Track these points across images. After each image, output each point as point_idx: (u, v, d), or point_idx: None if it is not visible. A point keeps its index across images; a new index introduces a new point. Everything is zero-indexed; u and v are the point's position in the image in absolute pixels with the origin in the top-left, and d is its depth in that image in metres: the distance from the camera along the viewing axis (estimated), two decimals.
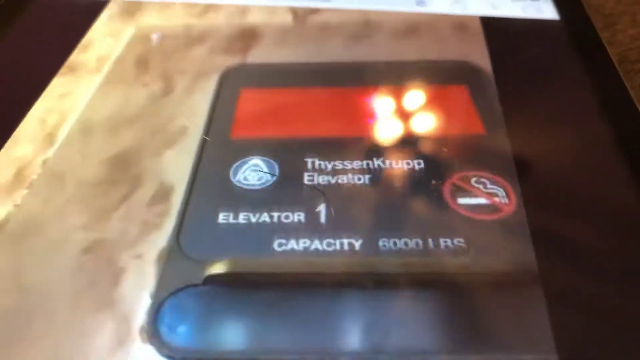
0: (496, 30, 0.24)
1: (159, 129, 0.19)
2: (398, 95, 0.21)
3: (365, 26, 0.25)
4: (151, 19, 0.25)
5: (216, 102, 0.21)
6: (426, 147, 0.18)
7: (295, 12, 0.26)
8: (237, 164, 0.18)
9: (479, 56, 0.22)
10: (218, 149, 0.18)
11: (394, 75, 0.21)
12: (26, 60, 0.24)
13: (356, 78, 0.21)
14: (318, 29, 0.25)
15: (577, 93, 0.21)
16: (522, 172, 0.17)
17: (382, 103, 0.20)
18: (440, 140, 0.19)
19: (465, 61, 0.22)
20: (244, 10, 0.26)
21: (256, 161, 0.18)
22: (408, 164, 0.18)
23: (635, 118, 0.19)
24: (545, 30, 0.24)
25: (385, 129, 0.19)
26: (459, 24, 0.24)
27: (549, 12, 0.26)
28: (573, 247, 0.15)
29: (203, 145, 0.19)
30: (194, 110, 0.20)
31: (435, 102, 0.20)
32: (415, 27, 0.25)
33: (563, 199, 0.17)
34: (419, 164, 0.18)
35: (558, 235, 0.16)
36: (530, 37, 0.24)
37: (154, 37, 0.24)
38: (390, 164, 0.18)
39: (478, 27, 0.24)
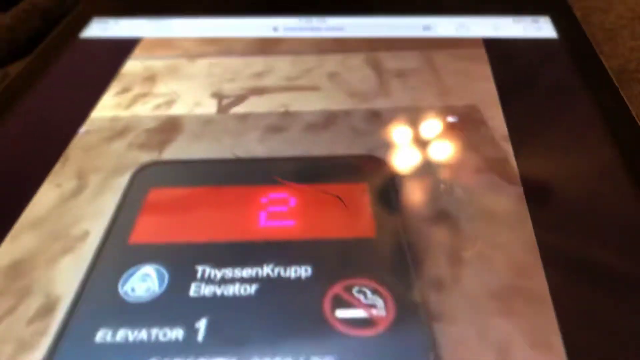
0: (498, 50, 0.28)
1: (60, 234, 0.20)
2: (295, 194, 0.21)
3: (284, 118, 0.25)
4: None
5: (123, 203, 0.21)
6: (315, 251, 0.19)
7: (220, 101, 0.27)
8: (127, 272, 0.18)
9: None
10: (112, 256, 0.19)
11: (296, 172, 0.22)
12: None
13: (261, 175, 0.22)
14: (239, 120, 0.25)
15: (577, 108, 0.24)
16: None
17: (279, 201, 0.21)
18: (330, 243, 0.19)
19: (371, 156, 0.23)
20: (169, 101, 0.27)
21: (146, 270, 0.18)
22: (296, 271, 0.18)
23: (634, 130, 0.22)
24: (545, 48, 0.27)
25: (279, 230, 0.20)
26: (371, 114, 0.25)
27: (548, 31, 0.28)
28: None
29: (99, 252, 0.19)
30: (101, 212, 0.21)
31: (331, 201, 0.21)
32: (333, 117, 0.25)
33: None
34: (306, 270, 0.18)
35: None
36: (531, 56, 0.28)
37: (81, 131, 0.25)
38: (279, 272, 0.18)
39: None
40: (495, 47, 0.29)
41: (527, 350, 0.16)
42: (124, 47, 0.31)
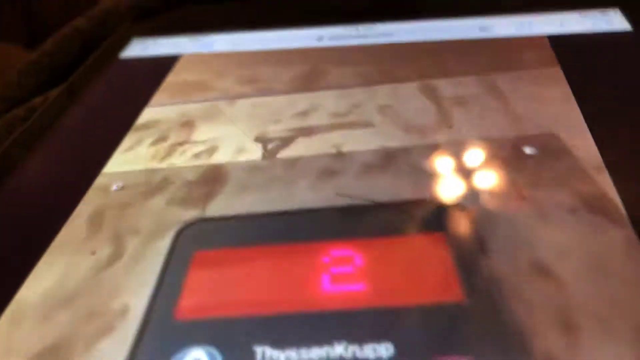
0: (567, 48, 0.25)
1: (96, 311, 0.17)
2: (363, 251, 0.18)
3: (338, 159, 0.23)
4: (112, 165, 0.24)
5: (166, 270, 0.18)
6: (396, 324, 0.16)
7: (265, 145, 0.24)
8: (175, 357, 0.15)
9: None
10: (157, 336, 0.16)
11: (361, 223, 0.19)
12: None
13: (323, 229, 0.19)
14: (287, 166, 0.23)
15: None
16: None
17: (342, 260, 0.18)
18: (411, 311, 0.16)
19: (443, 203, 0.20)
20: (210, 149, 0.25)
21: (197, 353, 0.15)
22: (375, 350, 0.15)
23: None
24: (618, 42, 0.24)
25: (346, 297, 0.17)
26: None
27: (620, 24, 0.25)
28: None
29: (142, 332, 0.16)
30: (141, 282, 0.18)
31: (403, 258, 0.18)
32: (389, 157, 0.23)
33: None
34: (386, 349, 0.15)
35: None
36: (604, 51, 0.25)
37: (114, 187, 0.23)
38: (354, 352, 0.15)
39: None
40: (564, 44, 0.26)
41: None
42: (165, 65, 0.30)
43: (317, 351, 0.15)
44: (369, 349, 0.15)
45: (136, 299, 0.18)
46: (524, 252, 0.17)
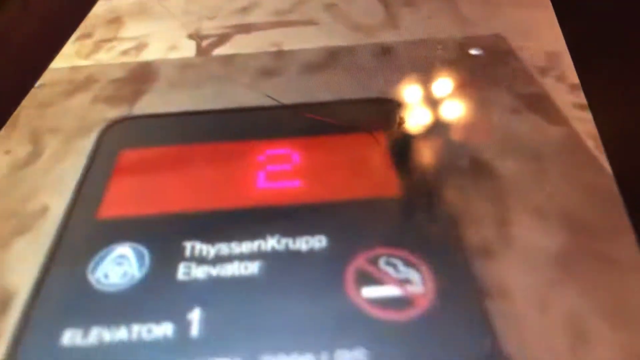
0: None
1: (13, 211, 0.16)
2: (299, 148, 0.17)
3: (278, 58, 0.21)
4: None
5: (88, 169, 0.17)
6: (329, 217, 0.15)
7: (200, 42, 0.23)
8: (98, 255, 0.15)
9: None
10: (78, 236, 0.15)
11: (298, 122, 0.18)
12: None
13: (255, 128, 0.18)
14: (223, 64, 0.21)
15: None
16: None
17: (279, 158, 0.17)
18: (346, 206, 0.16)
19: (386, 98, 0.19)
20: (139, 46, 0.23)
21: (122, 250, 0.15)
22: (307, 242, 0.15)
23: None
24: None
25: (282, 193, 0.16)
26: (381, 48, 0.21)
27: None
28: None
29: (62, 231, 0.15)
30: (62, 181, 0.17)
31: (342, 155, 0.17)
32: (335, 55, 0.21)
33: None
34: (319, 241, 0.15)
35: None
36: None
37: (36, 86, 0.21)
38: (287, 245, 0.15)
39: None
40: None
41: (603, 326, 0.13)
42: None
43: (248, 245, 0.15)
44: (301, 242, 0.15)
45: (56, 199, 0.16)
46: (461, 148, 0.17)
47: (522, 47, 0.21)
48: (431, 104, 0.19)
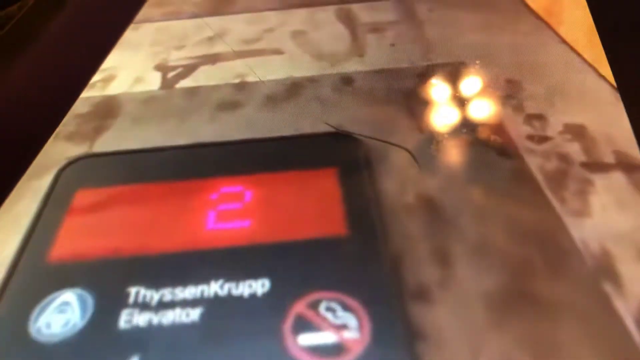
0: None
1: None
2: (253, 185, 0.17)
3: (240, 90, 0.22)
4: None
5: (43, 209, 0.17)
6: (275, 259, 0.15)
7: (165, 74, 0.23)
8: (43, 302, 0.15)
9: None
10: (26, 281, 0.15)
11: (253, 158, 0.18)
12: None
13: (212, 164, 0.18)
14: (186, 96, 0.21)
15: None
16: None
17: (232, 197, 0.17)
18: (292, 246, 0.16)
19: (338, 132, 0.19)
20: (107, 78, 0.23)
21: (66, 297, 0.15)
22: (250, 286, 0.15)
23: None
24: None
25: (231, 234, 0.16)
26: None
27: None
28: None
29: (9, 276, 0.16)
30: (15, 222, 0.17)
31: (295, 192, 0.17)
32: (297, 86, 0.21)
33: None
34: (262, 285, 0.15)
35: None
36: None
37: None
38: (229, 290, 0.15)
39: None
40: None
41: None
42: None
43: (192, 290, 0.15)
44: (244, 286, 0.15)
45: (7, 241, 0.17)
46: (411, 186, 0.17)
47: (484, 73, 0.21)
48: (388, 137, 0.19)
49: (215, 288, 0.15)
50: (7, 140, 0.20)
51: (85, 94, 0.22)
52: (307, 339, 0.13)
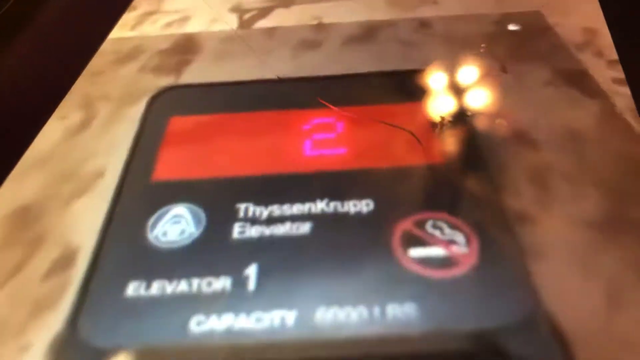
0: None
1: (70, 173, 0.17)
2: (346, 118, 0.18)
3: (318, 30, 0.22)
4: None
5: (140, 134, 0.18)
6: (376, 183, 0.16)
7: (241, 15, 0.23)
8: (156, 215, 0.15)
9: None
10: (135, 197, 0.16)
11: (339, 93, 0.19)
12: None
13: (302, 97, 0.19)
14: (265, 36, 0.22)
15: None
16: None
17: (324, 127, 0.18)
18: (392, 172, 0.16)
19: (424, 75, 0.19)
20: (182, 19, 0.23)
21: (178, 210, 0.15)
22: (355, 205, 0.15)
23: None
24: None
25: (328, 160, 0.17)
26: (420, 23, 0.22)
27: None
28: None
29: (119, 192, 0.16)
30: (115, 145, 0.18)
31: (385, 125, 0.18)
32: (375, 29, 0.22)
33: None
34: (367, 205, 0.15)
35: None
36: None
37: None
38: (335, 207, 0.15)
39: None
40: None
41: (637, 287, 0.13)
42: None
43: (299, 207, 0.15)
44: (349, 205, 0.15)
45: (111, 163, 0.17)
46: (501, 118, 0.17)
47: (560, 24, 0.21)
48: (470, 77, 0.19)
49: (321, 206, 0.15)
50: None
51: (164, 31, 0.22)
52: (417, 252, 0.14)
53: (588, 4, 0.22)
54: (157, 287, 0.14)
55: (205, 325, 0.13)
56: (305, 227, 0.15)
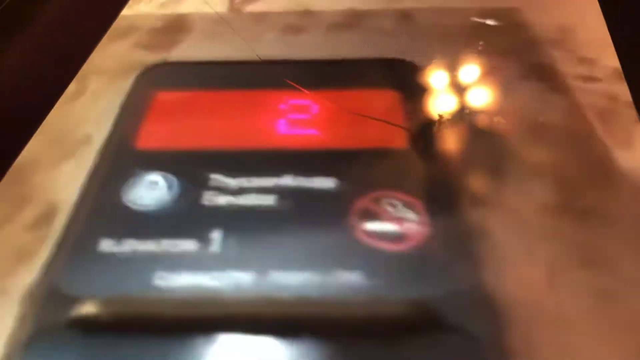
0: None
1: (61, 138, 0.18)
2: (318, 100, 0.19)
3: (305, 17, 0.23)
4: None
5: (127, 106, 0.19)
6: (342, 162, 0.17)
7: (231, 0, 0.24)
8: (133, 179, 0.16)
9: None
10: (116, 162, 0.17)
11: (318, 76, 0.20)
12: None
13: (281, 79, 0.20)
14: (253, 20, 0.23)
15: None
16: None
17: (299, 109, 0.19)
18: (357, 154, 0.17)
19: (402, 59, 0.20)
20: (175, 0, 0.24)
21: (154, 177, 0.17)
22: (320, 182, 0.16)
23: None
24: None
25: (300, 139, 0.18)
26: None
27: None
28: None
29: (102, 157, 0.17)
30: (103, 115, 0.19)
31: (359, 109, 0.19)
32: (358, 18, 0.23)
33: None
34: (331, 182, 0.16)
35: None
36: None
37: None
38: (300, 183, 0.16)
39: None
40: None
41: (579, 268, 0.14)
42: None
43: (267, 180, 0.16)
44: (314, 181, 0.16)
45: (98, 130, 0.18)
46: (467, 110, 0.18)
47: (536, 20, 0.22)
48: (445, 67, 0.20)
49: (288, 180, 0.16)
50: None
51: (157, 11, 0.23)
52: (370, 226, 0.15)
53: (568, 3, 0.23)
54: (128, 245, 0.15)
55: (169, 280, 0.14)
56: (270, 199, 0.16)
